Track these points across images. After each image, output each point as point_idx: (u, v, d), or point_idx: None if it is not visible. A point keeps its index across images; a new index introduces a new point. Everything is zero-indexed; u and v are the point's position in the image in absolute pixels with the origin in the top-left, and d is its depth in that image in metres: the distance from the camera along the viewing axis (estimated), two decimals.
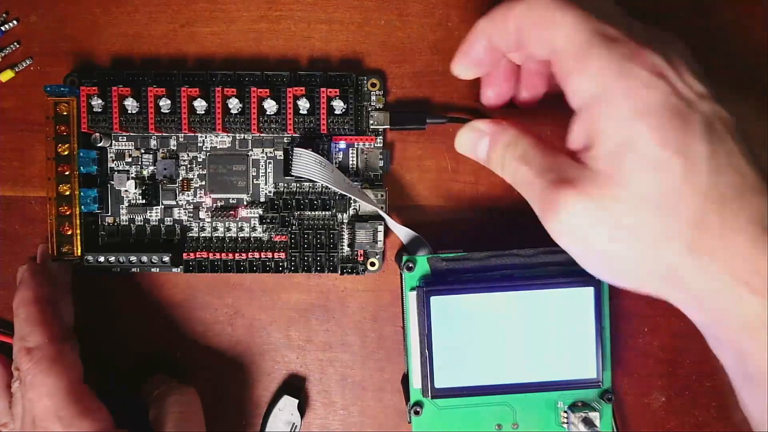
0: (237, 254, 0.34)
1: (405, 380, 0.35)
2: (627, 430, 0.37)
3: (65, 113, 0.33)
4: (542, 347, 0.32)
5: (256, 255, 0.34)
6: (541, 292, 0.32)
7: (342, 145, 0.35)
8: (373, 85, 0.35)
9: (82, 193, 0.34)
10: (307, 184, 0.35)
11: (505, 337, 0.32)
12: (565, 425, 0.33)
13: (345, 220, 0.36)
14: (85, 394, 0.30)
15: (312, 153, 0.33)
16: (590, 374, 0.32)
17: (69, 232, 0.34)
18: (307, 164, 0.33)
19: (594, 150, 0.25)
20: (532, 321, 0.32)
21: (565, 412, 0.33)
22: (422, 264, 0.33)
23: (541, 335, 0.32)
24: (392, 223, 0.34)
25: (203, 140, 0.36)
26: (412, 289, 0.33)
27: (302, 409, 0.36)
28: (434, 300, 0.32)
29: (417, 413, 0.33)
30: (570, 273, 0.32)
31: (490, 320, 0.32)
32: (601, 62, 0.24)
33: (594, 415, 0.33)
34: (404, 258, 0.33)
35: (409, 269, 0.33)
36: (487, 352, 0.32)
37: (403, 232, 0.34)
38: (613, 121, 0.24)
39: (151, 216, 0.36)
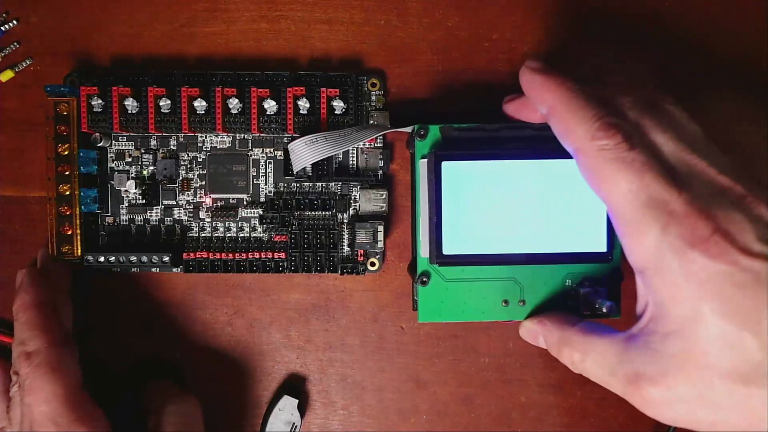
0: (237, 254, 0.34)
1: (411, 266, 0.35)
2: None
3: (65, 113, 0.33)
4: (553, 218, 0.31)
5: (256, 255, 0.34)
6: (553, 162, 0.31)
7: None
8: (373, 85, 0.35)
9: (82, 193, 0.34)
10: (308, 184, 0.35)
11: (515, 206, 0.31)
12: (572, 303, 0.33)
13: (345, 220, 0.36)
14: (83, 400, 0.30)
15: (299, 140, 0.32)
16: (600, 247, 0.32)
17: (69, 232, 0.34)
18: (302, 154, 0.32)
19: (659, 324, 0.25)
20: (543, 191, 0.31)
21: (573, 289, 0.33)
22: (434, 132, 0.32)
23: (551, 206, 0.31)
24: (401, 129, 0.34)
25: (203, 140, 0.36)
26: (423, 156, 0.32)
27: (302, 409, 0.36)
28: (445, 165, 0.31)
29: (424, 283, 0.32)
30: None
31: (500, 189, 0.31)
32: (655, 241, 0.24)
33: (602, 290, 0.32)
34: (416, 126, 0.32)
35: (421, 137, 0.32)
36: (496, 221, 0.31)
37: (411, 128, 0.33)
38: (674, 299, 0.24)
39: (151, 216, 0.36)
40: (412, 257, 0.36)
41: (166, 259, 0.34)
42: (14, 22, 0.36)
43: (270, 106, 0.33)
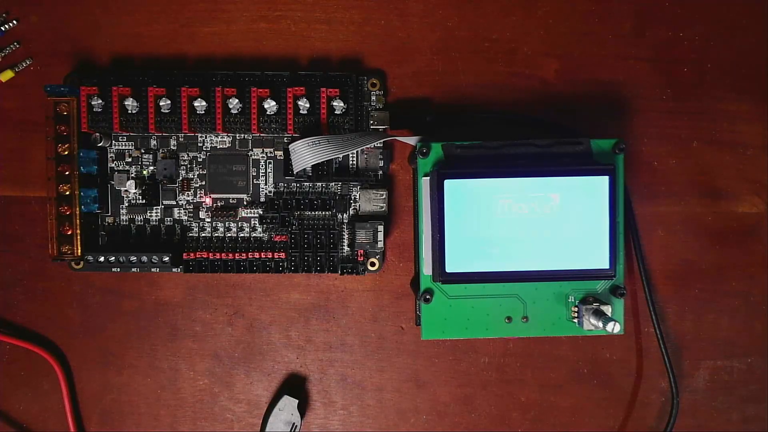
0: (237, 254, 0.34)
1: (414, 282, 0.35)
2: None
3: (65, 113, 0.33)
4: (555, 235, 0.31)
5: (256, 255, 0.34)
6: (555, 180, 0.31)
7: None
8: (373, 85, 0.35)
9: (82, 193, 0.34)
10: (308, 184, 0.35)
11: (518, 224, 0.31)
12: (575, 320, 0.33)
13: (345, 220, 0.36)
14: None
15: (301, 140, 0.32)
16: (602, 264, 0.32)
17: (69, 232, 0.34)
18: (303, 155, 0.33)
19: None
20: (545, 208, 0.31)
21: (576, 306, 0.33)
22: (436, 150, 0.32)
23: (554, 223, 0.31)
24: (402, 139, 0.34)
25: (203, 140, 0.36)
26: (426, 174, 0.32)
27: (302, 409, 0.36)
28: (448, 183, 0.31)
29: (427, 301, 0.32)
30: (585, 162, 0.31)
31: (503, 206, 0.31)
32: None
33: (606, 308, 0.32)
34: (419, 144, 0.31)
35: (424, 154, 0.32)
36: (499, 239, 0.31)
37: (413, 140, 0.33)
38: None
39: (151, 216, 0.36)
40: (414, 273, 0.36)
41: (166, 259, 0.34)
42: (14, 22, 0.36)
43: (270, 106, 0.33)
